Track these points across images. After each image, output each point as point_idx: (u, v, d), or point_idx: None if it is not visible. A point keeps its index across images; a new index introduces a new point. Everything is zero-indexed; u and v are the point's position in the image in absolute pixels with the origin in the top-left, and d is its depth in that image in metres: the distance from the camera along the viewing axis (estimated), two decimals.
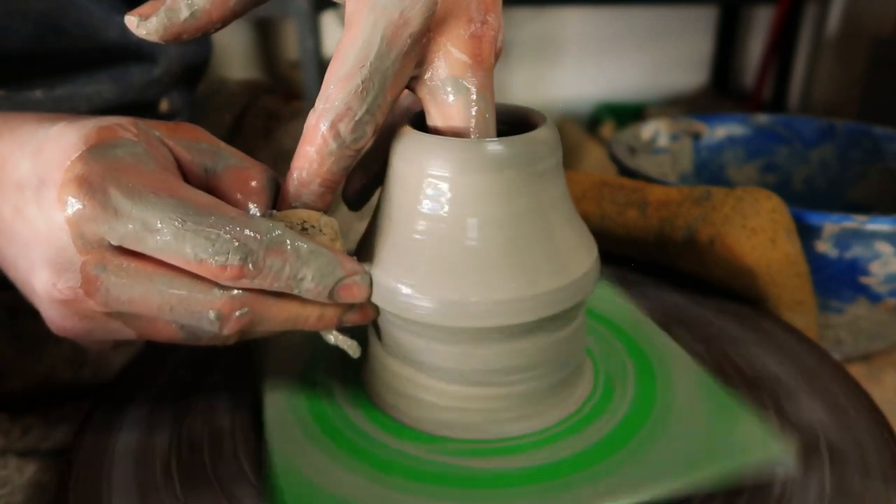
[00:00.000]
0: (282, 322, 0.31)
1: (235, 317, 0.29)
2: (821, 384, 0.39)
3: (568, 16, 2.24)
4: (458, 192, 0.30)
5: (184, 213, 0.27)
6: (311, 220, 0.31)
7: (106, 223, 0.27)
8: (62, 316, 0.30)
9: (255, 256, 0.28)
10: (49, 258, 0.28)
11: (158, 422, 0.36)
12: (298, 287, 0.29)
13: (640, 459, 0.32)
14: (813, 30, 2.02)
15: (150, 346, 0.43)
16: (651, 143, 0.85)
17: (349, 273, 0.30)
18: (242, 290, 0.29)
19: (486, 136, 0.32)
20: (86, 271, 0.28)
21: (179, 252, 0.27)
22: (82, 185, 0.27)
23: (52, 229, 0.28)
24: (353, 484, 0.31)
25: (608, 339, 0.41)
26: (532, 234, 0.31)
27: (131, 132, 0.30)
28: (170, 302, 0.29)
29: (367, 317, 0.33)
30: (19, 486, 0.37)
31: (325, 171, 0.31)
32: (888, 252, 0.56)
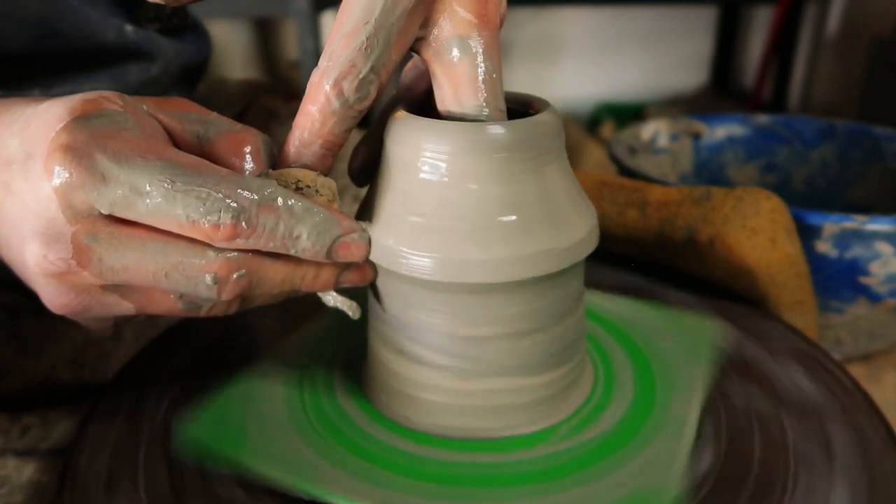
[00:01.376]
0: (279, 283, 0.30)
1: (233, 279, 0.28)
2: (821, 384, 0.39)
3: (568, 16, 2.24)
4: (457, 171, 0.30)
5: (172, 174, 0.27)
6: (306, 179, 0.30)
7: (94, 190, 0.26)
8: (58, 292, 0.29)
9: (247, 214, 0.27)
10: (39, 230, 0.28)
11: (157, 420, 0.36)
12: (295, 246, 0.29)
13: (634, 463, 0.32)
14: (813, 30, 2.02)
15: (150, 346, 0.43)
16: (651, 143, 0.85)
17: (346, 231, 0.30)
18: (238, 252, 0.28)
19: (493, 96, 0.31)
20: (77, 241, 0.27)
21: (171, 214, 0.27)
22: (67, 153, 0.26)
23: (41, 201, 0.27)
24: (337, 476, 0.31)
25: (609, 342, 0.41)
26: (532, 196, 0.31)
27: (117, 104, 0.29)
28: (164, 268, 0.28)
29: (365, 277, 0.32)
30: (18, 486, 0.37)
31: (327, 132, 0.30)
32: (888, 252, 0.56)
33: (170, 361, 0.41)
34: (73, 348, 0.47)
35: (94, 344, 0.48)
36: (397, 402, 0.35)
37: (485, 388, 0.33)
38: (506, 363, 0.33)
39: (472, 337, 0.32)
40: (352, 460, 0.32)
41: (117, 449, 0.34)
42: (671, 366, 0.39)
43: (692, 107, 2.15)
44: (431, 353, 0.33)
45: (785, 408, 0.37)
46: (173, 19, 0.51)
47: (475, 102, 0.31)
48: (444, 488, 0.31)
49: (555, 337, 0.33)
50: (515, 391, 0.33)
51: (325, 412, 0.36)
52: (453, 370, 0.33)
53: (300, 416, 0.35)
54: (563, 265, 0.31)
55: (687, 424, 0.34)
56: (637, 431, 0.34)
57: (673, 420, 0.34)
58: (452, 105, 0.31)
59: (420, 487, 0.31)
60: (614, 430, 0.34)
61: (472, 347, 0.32)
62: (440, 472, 0.32)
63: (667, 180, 0.60)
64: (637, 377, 0.38)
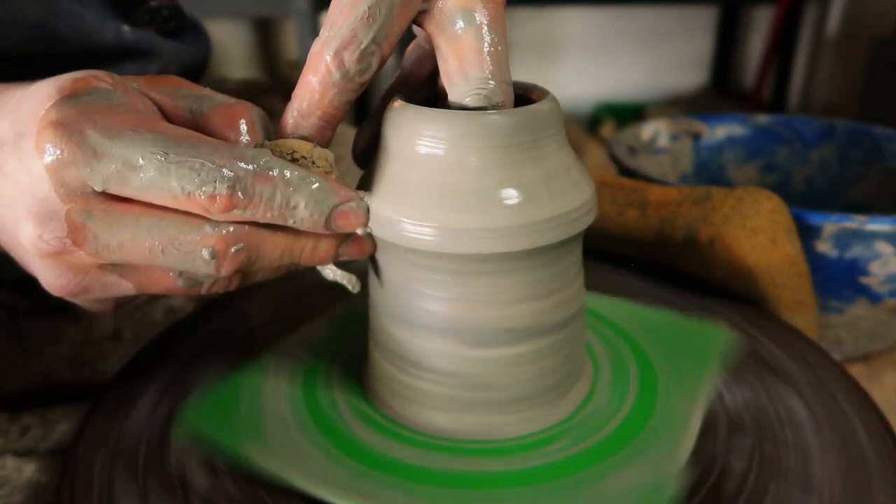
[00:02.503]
0: (279, 256, 0.30)
1: (231, 254, 0.28)
2: (821, 383, 0.39)
3: (568, 16, 2.24)
4: (455, 155, 0.30)
5: (165, 146, 0.26)
6: (301, 150, 0.30)
7: (86, 165, 0.26)
8: (55, 273, 0.29)
9: (243, 184, 0.27)
10: (32, 210, 0.27)
11: (158, 419, 0.36)
12: (293, 216, 0.28)
13: (631, 466, 0.32)
14: (813, 30, 2.02)
15: (149, 346, 0.43)
16: (651, 143, 0.85)
17: (344, 200, 0.29)
18: (235, 226, 0.28)
19: (498, 68, 0.31)
20: (71, 219, 0.27)
21: (165, 187, 0.26)
22: (57, 129, 0.26)
23: (33, 180, 0.27)
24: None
25: (613, 342, 0.41)
26: (531, 175, 0.30)
27: (107, 82, 0.29)
28: (160, 243, 0.27)
29: (364, 250, 0.32)
30: (18, 487, 0.37)
31: (326, 104, 0.30)
32: (888, 252, 0.56)
33: (170, 361, 0.41)
34: (72, 348, 0.47)
35: (94, 344, 0.48)
36: (396, 397, 0.35)
37: (484, 357, 0.32)
38: (505, 331, 0.32)
39: (471, 307, 0.32)
40: (348, 461, 0.32)
41: (117, 447, 0.34)
42: (676, 370, 0.38)
43: (692, 107, 2.15)
44: (432, 324, 0.32)
45: (785, 408, 0.37)
46: (170, 22, 0.51)
47: (480, 74, 0.30)
48: (444, 490, 0.31)
49: (555, 305, 0.33)
50: (515, 361, 0.33)
51: (324, 410, 0.36)
52: (453, 341, 0.32)
53: (301, 411, 0.35)
54: (563, 236, 0.31)
55: (688, 427, 0.34)
56: (637, 434, 0.34)
57: (674, 423, 0.34)
58: (457, 77, 0.31)
59: (419, 489, 0.31)
60: (614, 431, 0.34)
61: (471, 318, 0.32)
62: (439, 472, 0.32)
63: (667, 180, 0.60)
64: (640, 379, 0.38)
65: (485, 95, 0.30)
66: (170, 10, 0.50)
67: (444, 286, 0.32)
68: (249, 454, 0.32)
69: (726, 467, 0.32)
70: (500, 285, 0.31)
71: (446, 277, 0.31)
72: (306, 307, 0.46)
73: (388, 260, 0.33)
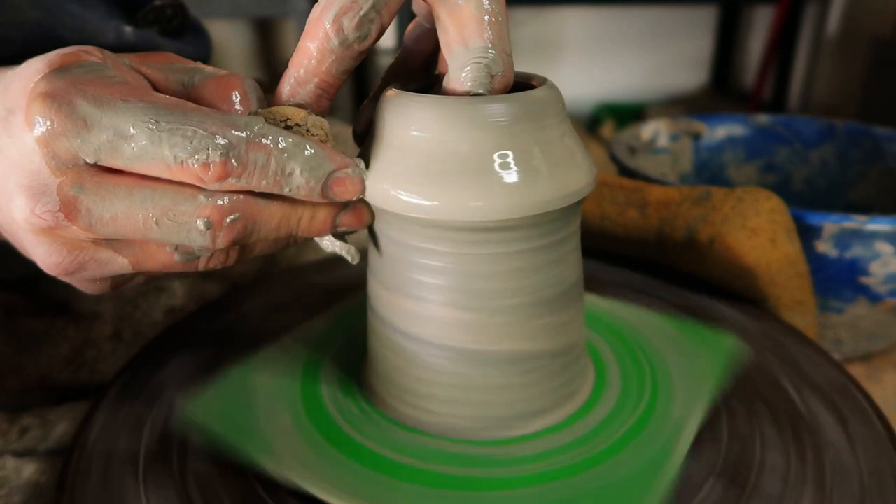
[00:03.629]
0: (276, 227, 0.29)
1: (226, 224, 0.28)
2: (822, 383, 0.39)
3: (568, 16, 2.24)
4: (450, 138, 0.30)
5: (156, 114, 0.26)
6: (295, 117, 0.30)
7: (77, 136, 0.26)
8: (50, 250, 0.28)
9: (236, 151, 0.26)
10: (24, 184, 0.27)
11: (157, 419, 0.36)
12: (288, 183, 0.28)
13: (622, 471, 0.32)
14: (813, 30, 2.02)
15: (150, 346, 0.43)
16: (651, 143, 0.85)
17: (340, 166, 0.29)
18: (230, 195, 0.28)
19: (499, 38, 0.30)
20: (63, 192, 0.27)
21: (157, 156, 0.26)
22: (46, 100, 0.26)
23: (24, 153, 0.27)
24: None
25: (618, 346, 0.41)
26: (531, 152, 0.30)
27: (96, 56, 0.29)
28: (154, 215, 0.27)
29: (362, 219, 0.32)
30: (17, 487, 0.37)
31: (323, 71, 0.29)
32: (888, 252, 0.56)
33: (171, 360, 0.41)
34: (71, 348, 0.47)
35: (94, 344, 0.48)
36: (396, 392, 0.35)
37: (483, 322, 0.32)
38: (504, 303, 0.32)
39: (469, 279, 0.31)
40: (344, 460, 0.32)
41: (117, 444, 0.34)
42: (680, 378, 0.38)
43: (692, 107, 2.15)
44: (432, 296, 0.32)
45: (786, 407, 0.37)
46: (173, 21, 0.51)
47: (481, 43, 0.30)
48: (443, 491, 0.31)
49: (554, 277, 0.33)
50: (512, 330, 0.33)
51: (322, 408, 0.36)
52: (452, 307, 0.32)
53: (298, 409, 0.36)
54: (561, 204, 0.30)
55: (685, 430, 0.34)
56: (633, 440, 0.33)
57: (670, 431, 0.34)
58: (457, 47, 0.30)
59: (418, 490, 0.31)
60: (614, 437, 0.34)
61: (470, 286, 0.31)
62: (438, 473, 0.32)
63: (667, 180, 0.60)
64: (643, 384, 0.38)
65: (485, 64, 0.30)
66: (173, 9, 0.50)
67: (442, 257, 0.31)
68: (248, 451, 0.32)
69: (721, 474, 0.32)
70: (498, 256, 0.31)
71: (444, 248, 0.31)
72: (306, 307, 0.46)
73: (386, 231, 0.32)
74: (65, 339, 0.47)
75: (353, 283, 0.43)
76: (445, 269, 0.31)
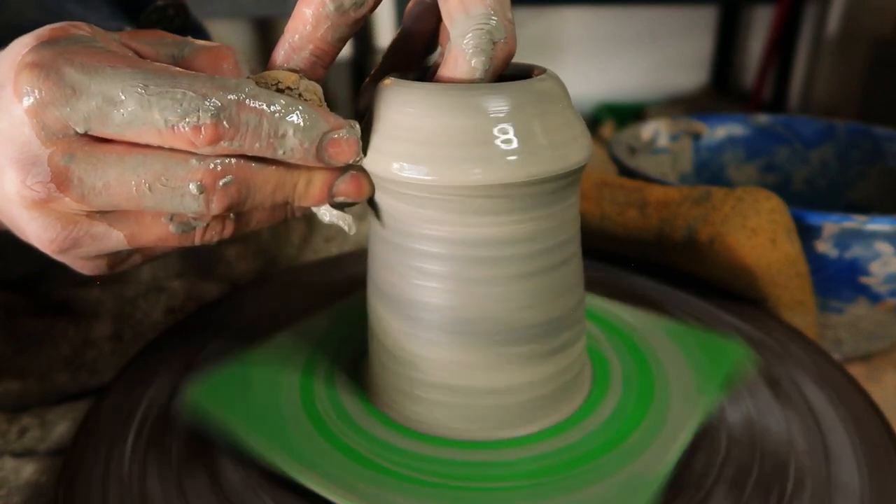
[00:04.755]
0: (271, 192, 0.29)
1: (220, 187, 0.27)
2: (822, 382, 0.39)
3: (568, 16, 2.24)
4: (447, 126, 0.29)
5: (144, 78, 0.26)
6: (286, 81, 0.29)
7: (66, 104, 0.26)
8: (43, 225, 0.28)
9: (227, 112, 0.26)
10: (15, 156, 0.27)
11: (157, 419, 0.36)
12: (282, 145, 0.28)
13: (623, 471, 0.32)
14: (813, 30, 2.02)
15: (150, 345, 0.43)
16: (651, 143, 0.85)
17: (334, 127, 0.29)
18: (223, 159, 0.27)
19: (500, 5, 0.30)
20: (54, 163, 0.27)
21: (148, 120, 0.26)
22: (34, 70, 0.26)
23: (14, 125, 0.27)
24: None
25: (622, 352, 0.41)
26: (532, 120, 0.30)
27: (85, 30, 0.28)
28: (147, 181, 0.27)
29: (360, 188, 0.31)
30: (16, 488, 0.37)
31: (318, 38, 0.29)
32: (888, 252, 0.56)
33: (171, 360, 0.41)
34: (71, 349, 0.47)
35: (93, 345, 0.48)
36: (395, 393, 0.35)
37: (482, 293, 0.32)
38: (503, 273, 0.32)
39: (470, 245, 0.31)
40: (342, 459, 0.32)
41: (117, 446, 0.34)
42: (682, 382, 0.38)
43: (692, 107, 2.15)
44: (432, 267, 0.32)
45: (786, 406, 0.37)
46: (175, 21, 0.51)
47: (482, 10, 0.30)
48: (443, 491, 0.31)
49: (552, 218, 0.32)
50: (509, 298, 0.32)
51: (322, 407, 0.36)
52: (451, 280, 0.32)
53: (296, 406, 0.36)
54: (562, 169, 0.30)
55: (676, 440, 0.33)
56: (627, 438, 0.34)
57: (665, 434, 0.34)
58: (458, 14, 0.30)
59: (418, 490, 0.31)
60: (611, 436, 0.34)
61: (468, 257, 0.31)
62: (438, 473, 0.32)
63: (667, 180, 0.60)
64: (642, 390, 0.38)
65: (487, 31, 0.30)
66: (175, 9, 0.50)
67: (441, 226, 0.31)
68: (246, 441, 0.32)
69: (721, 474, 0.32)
70: (497, 223, 0.31)
71: (444, 216, 0.30)
72: (306, 307, 0.46)
73: (386, 201, 0.32)
74: (65, 340, 0.47)
75: (354, 283, 0.43)
76: (445, 239, 0.31)
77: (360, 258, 0.36)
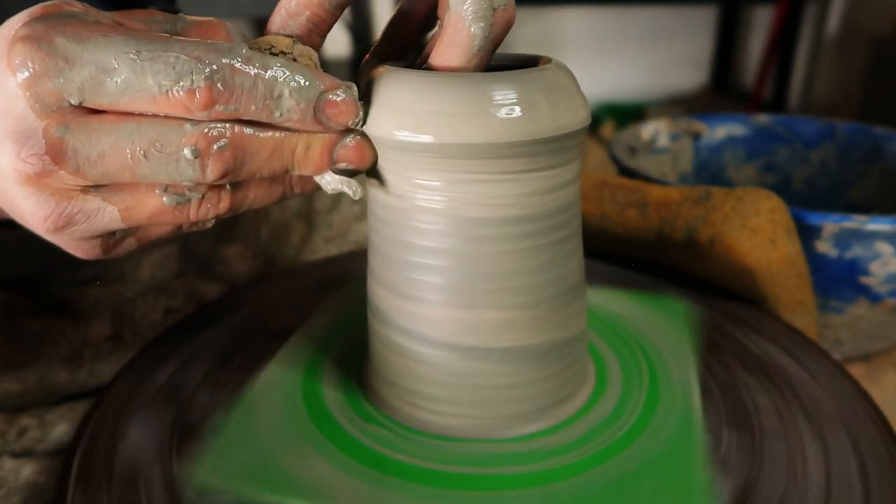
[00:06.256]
0: (268, 158, 0.29)
1: (214, 151, 0.27)
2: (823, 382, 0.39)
3: (568, 16, 2.24)
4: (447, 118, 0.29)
5: (137, 45, 0.26)
6: (280, 45, 0.29)
7: (59, 75, 0.26)
8: (38, 201, 0.28)
9: (221, 74, 0.26)
10: (10, 129, 0.27)
11: (156, 420, 0.36)
12: (278, 107, 0.27)
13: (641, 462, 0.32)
14: (813, 30, 2.02)
15: (147, 348, 0.43)
16: (651, 143, 0.85)
17: (330, 87, 0.28)
18: (218, 123, 0.27)
19: None
20: (48, 134, 0.26)
21: (142, 87, 0.26)
22: (26, 42, 0.26)
23: (9, 99, 0.26)
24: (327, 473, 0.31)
25: (626, 351, 0.41)
26: (535, 92, 0.30)
27: (78, 7, 0.28)
28: (142, 147, 0.27)
29: (362, 154, 0.30)
30: (16, 488, 0.37)
31: (315, 4, 0.29)
32: (888, 252, 0.56)
33: (171, 361, 0.41)
34: (70, 349, 0.47)
35: (93, 345, 0.48)
36: (397, 392, 0.35)
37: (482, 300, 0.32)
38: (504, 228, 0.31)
39: (468, 208, 0.31)
40: (344, 459, 0.32)
41: (116, 446, 0.34)
42: (666, 349, 0.40)
43: (692, 107, 2.15)
44: (431, 240, 0.32)
45: (786, 406, 0.37)
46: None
47: None
48: (446, 491, 0.31)
49: (554, 189, 0.32)
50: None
51: (323, 408, 0.36)
52: (450, 262, 0.31)
53: (299, 406, 0.36)
54: (562, 131, 0.30)
55: (692, 406, 0.35)
56: (644, 429, 0.34)
57: (678, 384, 0.36)
58: None
59: (420, 490, 0.31)
60: (614, 432, 0.34)
61: (469, 233, 0.31)
62: (441, 472, 0.32)
63: (667, 180, 0.60)
64: (640, 369, 0.39)
65: None
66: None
67: (443, 191, 0.30)
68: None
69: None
70: (497, 185, 0.30)
71: (444, 177, 0.30)
72: (306, 306, 0.46)
73: (386, 168, 0.31)
74: (64, 340, 0.47)
75: (353, 283, 0.43)
76: (444, 208, 0.31)
77: (360, 258, 0.36)
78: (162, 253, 0.57)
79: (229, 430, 0.34)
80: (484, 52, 0.30)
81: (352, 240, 0.64)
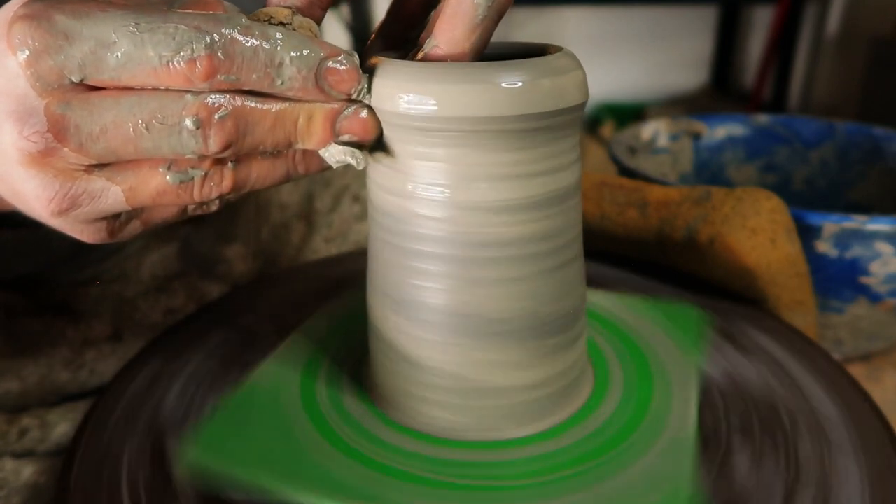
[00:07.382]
0: (270, 128, 0.29)
1: (216, 121, 0.27)
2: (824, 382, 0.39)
3: (568, 16, 2.24)
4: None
5: (136, 17, 0.26)
6: (278, 15, 0.29)
7: (59, 52, 0.26)
8: (41, 184, 0.28)
9: (222, 43, 0.26)
10: (11, 109, 0.27)
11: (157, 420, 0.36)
12: (279, 75, 0.27)
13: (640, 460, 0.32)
14: (813, 30, 2.02)
15: (147, 348, 0.43)
16: (651, 143, 0.85)
17: (331, 54, 0.28)
18: (219, 93, 0.27)
19: None
20: (50, 112, 0.27)
21: (143, 59, 0.26)
22: (25, 21, 0.26)
23: (10, 79, 0.26)
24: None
25: (600, 339, 0.42)
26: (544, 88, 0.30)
27: None
28: (143, 119, 0.27)
29: (366, 125, 0.30)
30: (16, 488, 0.37)
31: None
32: (888, 252, 0.56)
33: (170, 360, 0.41)
34: (71, 349, 0.47)
35: (93, 345, 0.48)
36: (396, 393, 0.35)
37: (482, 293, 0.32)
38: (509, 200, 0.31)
39: (470, 203, 0.31)
40: (344, 459, 0.32)
41: (116, 447, 0.34)
42: (664, 354, 0.40)
43: (692, 107, 2.15)
44: (431, 259, 0.32)
45: (787, 406, 0.37)
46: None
47: None
48: (444, 491, 0.31)
49: (549, 192, 0.32)
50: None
51: (323, 407, 0.36)
52: (450, 250, 0.31)
53: (297, 407, 0.36)
54: (563, 104, 0.30)
55: (689, 410, 0.35)
56: (638, 426, 0.34)
57: (674, 408, 0.35)
58: None
59: (419, 491, 0.31)
60: (615, 430, 0.34)
61: (469, 186, 0.31)
62: (440, 473, 0.32)
63: (667, 180, 0.60)
64: (630, 372, 0.38)
65: None
66: None
67: (443, 163, 0.30)
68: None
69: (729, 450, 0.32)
70: (499, 161, 0.30)
71: (444, 148, 0.30)
72: (306, 306, 0.46)
73: (389, 137, 0.31)
74: (64, 340, 0.47)
75: (353, 283, 0.43)
76: (447, 175, 0.30)
77: (360, 258, 0.36)
78: (162, 253, 0.57)
79: (223, 419, 0.35)
80: (488, 22, 0.30)
81: (352, 240, 0.64)
